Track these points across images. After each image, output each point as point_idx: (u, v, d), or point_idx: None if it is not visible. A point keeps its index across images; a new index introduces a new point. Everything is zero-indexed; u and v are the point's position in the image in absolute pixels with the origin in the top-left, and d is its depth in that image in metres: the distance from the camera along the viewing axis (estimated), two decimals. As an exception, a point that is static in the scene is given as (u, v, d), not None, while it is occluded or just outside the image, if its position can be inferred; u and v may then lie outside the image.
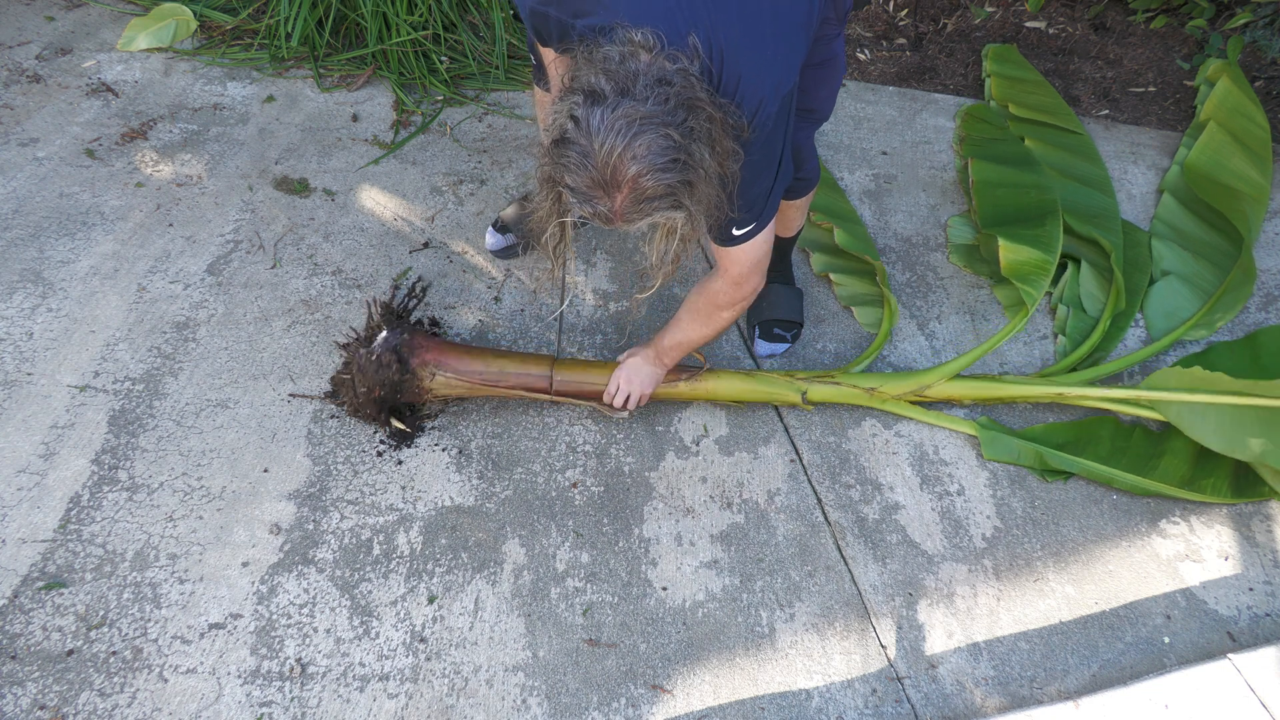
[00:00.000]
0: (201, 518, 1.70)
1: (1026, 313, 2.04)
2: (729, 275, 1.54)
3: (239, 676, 1.52)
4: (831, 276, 2.24)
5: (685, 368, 1.86)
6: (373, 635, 1.59)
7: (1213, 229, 2.36)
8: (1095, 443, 1.94)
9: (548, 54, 1.48)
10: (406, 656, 1.57)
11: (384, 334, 1.77)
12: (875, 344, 2.05)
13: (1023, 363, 2.13)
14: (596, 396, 1.84)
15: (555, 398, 1.83)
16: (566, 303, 2.12)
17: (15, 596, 1.56)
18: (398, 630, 1.60)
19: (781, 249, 2.06)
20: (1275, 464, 1.80)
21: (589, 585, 1.69)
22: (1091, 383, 2.00)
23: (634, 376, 1.78)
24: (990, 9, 3.08)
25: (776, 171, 1.39)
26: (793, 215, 1.95)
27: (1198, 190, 2.41)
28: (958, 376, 2.00)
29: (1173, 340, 2.13)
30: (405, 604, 1.63)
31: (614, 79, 1.08)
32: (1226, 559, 1.84)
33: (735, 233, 1.43)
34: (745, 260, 1.51)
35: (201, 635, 1.56)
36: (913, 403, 1.99)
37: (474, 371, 1.79)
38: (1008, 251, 2.07)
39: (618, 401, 1.80)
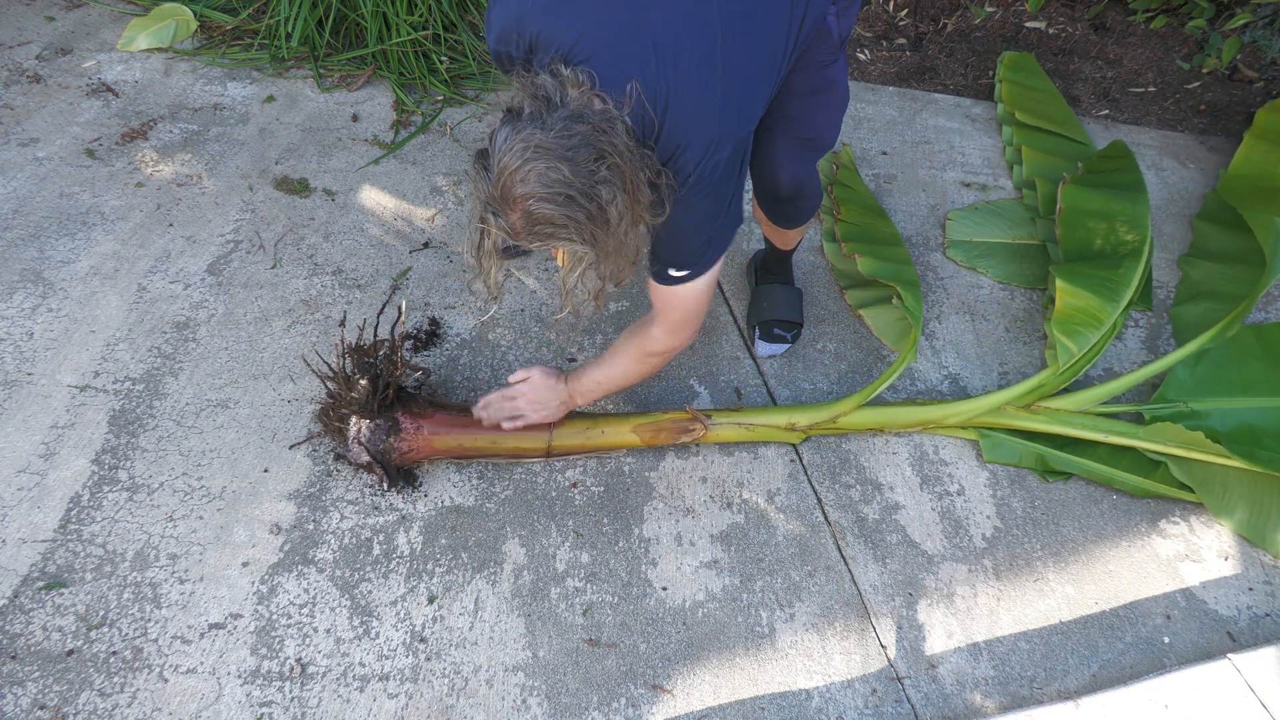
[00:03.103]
0: (202, 518, 1.70)
1: (1056, 368, 1.87)
2: (666, 321, 1.51)
3: (239, 676, 1.52)
4: (863, 313, 2.15)
5: (689, 429, 1.81)
6: (373, 635, 1.59)
7: (1249, 234, 2.25)
8: (1096, 444, 1.94)
9: None
10: (406, 656, 1.57)
11: (365, 432, 1.68)
12: (888, 373, 1.90)
13: (1023, 363, 2.13)
14: (598, 451, 1.84)
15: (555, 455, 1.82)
16: (566, 310, 2.10)
17: (15, 596, 1.56)
18: (398, 630, 1.60)
19: (781, 257, 2.07)
20: (1249, 535, 1.83)
21: (589, 585, 1.69)
22: (1084, 408, 1.92)
23: (538, 399, 1.68)
24: (990, 9, 3.08)
25: (720, 220, 1.37)
26: (792, 236, 1.95)
27: (1237, 201, 2.31)
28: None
29: (1186, 354, 2.00)
30: (405, 604, 1.63)
31: (535, 104, 1.11)
32: (1226, 559, 1.84)
33: (673, 274, 1.42)
34: (682, 306, 1.48)
35: (201, 635, 1.56)
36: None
37: (467, 449, 1.76)
38: (1065, 295, 1.86)
39: (505, 423, 1.70)
